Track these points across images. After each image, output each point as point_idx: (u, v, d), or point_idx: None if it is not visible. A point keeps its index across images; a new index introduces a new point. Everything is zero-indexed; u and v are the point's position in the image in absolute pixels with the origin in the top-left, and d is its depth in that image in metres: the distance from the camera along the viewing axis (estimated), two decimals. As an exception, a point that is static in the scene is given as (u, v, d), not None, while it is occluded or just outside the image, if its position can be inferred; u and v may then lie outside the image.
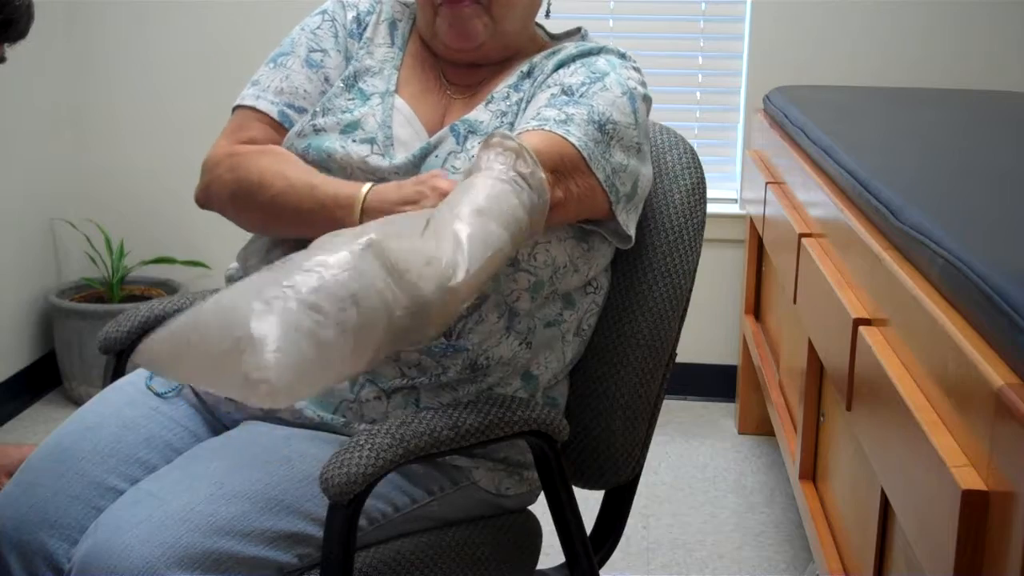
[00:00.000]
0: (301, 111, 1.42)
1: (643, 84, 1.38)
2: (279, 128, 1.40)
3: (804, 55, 3.02)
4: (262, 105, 1.40)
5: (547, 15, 1.47)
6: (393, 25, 1.47)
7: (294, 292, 0.94)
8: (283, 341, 0.91)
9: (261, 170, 1.32)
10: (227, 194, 1.36)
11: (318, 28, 1.45)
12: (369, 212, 1.22)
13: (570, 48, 1.41)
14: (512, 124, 1.35)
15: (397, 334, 1.01)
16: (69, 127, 3.25)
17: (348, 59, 1.44)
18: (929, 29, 2.97)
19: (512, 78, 1.40)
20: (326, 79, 1.43)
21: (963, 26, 2.95)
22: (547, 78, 1.36)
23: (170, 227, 3.27)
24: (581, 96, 1.30)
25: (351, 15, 1.46)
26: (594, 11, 3.13)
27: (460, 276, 1.04)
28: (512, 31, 1.40)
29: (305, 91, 1.42)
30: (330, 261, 0.97)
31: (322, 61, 1.43)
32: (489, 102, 1.38)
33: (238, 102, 1.43)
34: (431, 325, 1.04)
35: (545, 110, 1.29)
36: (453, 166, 1.32)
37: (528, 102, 1.36)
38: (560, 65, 1.37)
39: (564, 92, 1.31)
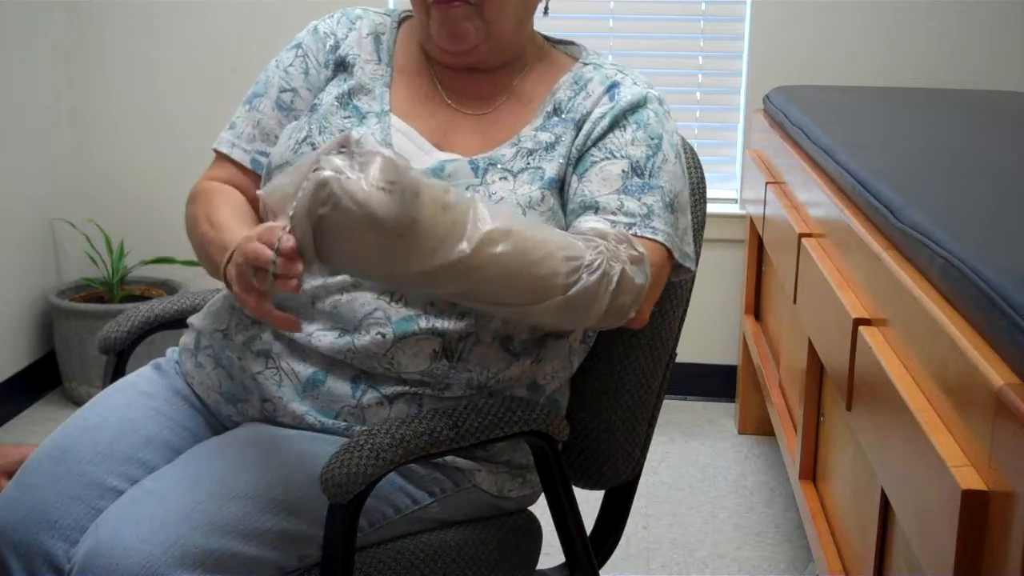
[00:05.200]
0: None
1: (676, 129, 1.41)
2: (249, 174, 1.43)
3: (804, 55, 3.02)
4: (236, 154, 1.43)
5: (545, 12, 1.45)
6: (377, 39, 1.45)
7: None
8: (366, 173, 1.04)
9: (199, 212, 1.38)
10: (187, 227, 1.42)
11: (290, 66, 1.45)
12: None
13: (596, 83, 1.38)
14: (540, 167, 1.33)
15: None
16: (69, 127, 3.25)
17: (331, 81, 1.43)
18: (929, 29, 2.97)
19: (538, 120, 1.38)
20: (312, 106, 1.43)
21: (963, 26, 2.95)
22: (603, 137, 1.35)
23: (170, 227, 3.24)
24: (651, 176, 1.33)
25: (329, 44, 1.45)
26: (594, 11, 3.13)
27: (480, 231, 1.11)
28: (506, 33, 1.38)
29: (276, 136, 1.43)
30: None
31: (292, 102, 1.43)
32: (516, 144, 1.35)
33: (216, 146, 1.45)
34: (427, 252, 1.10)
35: (627, 200, 1.30)
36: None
37: (581, 153, 1.34)
38: (614, 124, 1.35)
39: (635, 171, 1.33)
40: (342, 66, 1.43)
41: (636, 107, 1.37)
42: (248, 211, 1.40)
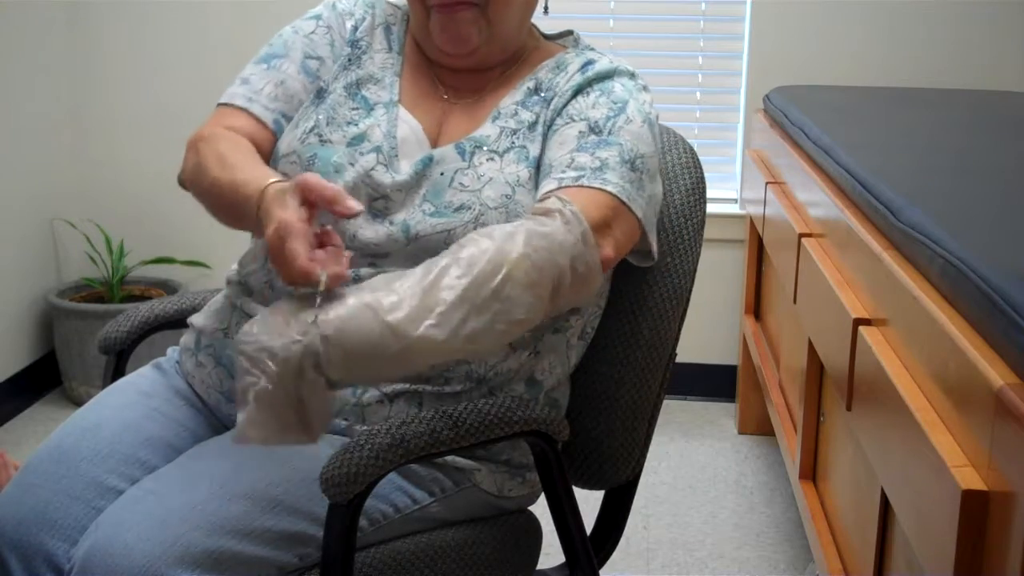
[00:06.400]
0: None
1: (652, 104, 1.38)
2: (269, 135, 1.37)
3: (804, 55, 3.02)
4: (256, 110, 1.37)
5: (545, 11, 1.46)
6: (388, 29, 1.44)
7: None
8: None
9: (209, 153, 1.29)
10: (188, 176, 1.34)
11: (312, 33, 1.42)
12: (263, 210, 1.16)
13: (575, 63, 1.39)
14: (524, 146, 1.33)
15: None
16: (69, 127, 3.25)
17: (343, 69, 1.41)
18: (929, 29, 2.97)
19: (518, 94, 1.38)
20: (319, 91, 1.40)
21: (963, 26, 2.95)
22: (566, 104, 1.34)
23: (170, 227, 3.27)
24: (609, 133, 1.30)
25: (349, 24, 1.43)
26: (594, 11, 3.13)
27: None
28: (508, 34, 1.38)
29: (300, 101, 1.39)
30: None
31: (318, 71, 1.40)
32: (496, 118, 1.36)
33: (227, 100, 1.39)
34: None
35: (578, 155, 1.28)
36: (461, 183, 1.31)
37: (548, 127, 1.34)
38: (578, 91, 1.35)
39: (592, 130, 1.31)
40: (356, 49, 1.42)
41: (603, 77, 1.37)
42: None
